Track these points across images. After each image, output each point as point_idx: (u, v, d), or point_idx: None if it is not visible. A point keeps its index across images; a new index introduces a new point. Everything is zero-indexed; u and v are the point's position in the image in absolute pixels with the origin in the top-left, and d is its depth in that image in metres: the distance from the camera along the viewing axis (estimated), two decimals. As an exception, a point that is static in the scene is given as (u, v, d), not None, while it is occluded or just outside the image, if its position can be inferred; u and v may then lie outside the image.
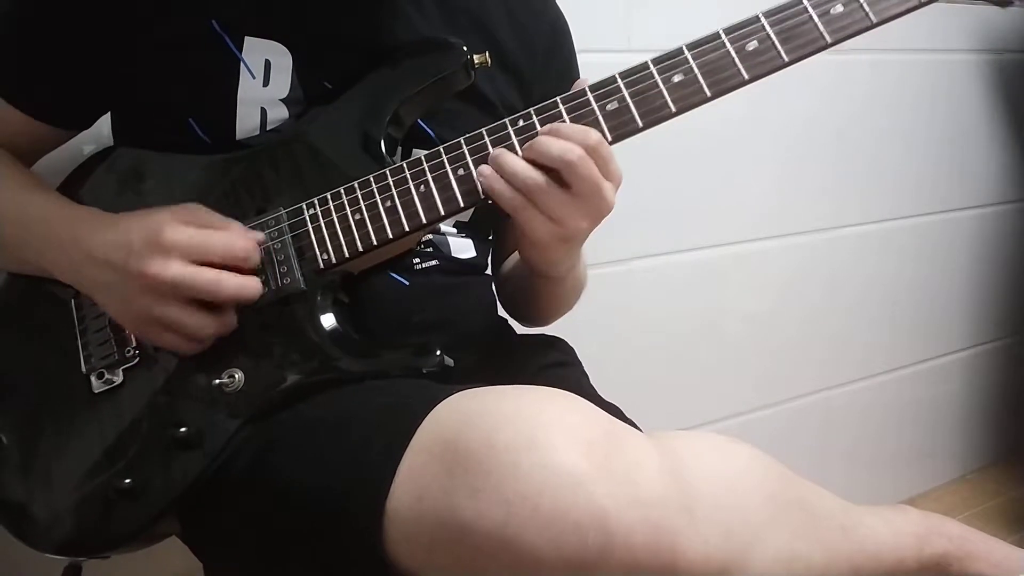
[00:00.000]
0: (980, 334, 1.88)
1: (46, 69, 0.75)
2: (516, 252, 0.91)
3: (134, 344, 0.72)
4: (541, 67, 0.87)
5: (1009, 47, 1.75)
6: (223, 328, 0.69)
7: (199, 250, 0.66)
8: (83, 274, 0.70)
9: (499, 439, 0.53)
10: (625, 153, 0.69)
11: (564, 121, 0.68)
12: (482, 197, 0.68)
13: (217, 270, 0.67)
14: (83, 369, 0.73)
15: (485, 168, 0.68)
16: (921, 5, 0.66)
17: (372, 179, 0.71)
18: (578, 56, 0.93)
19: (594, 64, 0.91)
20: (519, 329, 0.97)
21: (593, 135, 0.66)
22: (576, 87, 0.69)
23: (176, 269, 0.65)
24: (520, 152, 0.68)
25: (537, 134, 0.68)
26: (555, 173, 0.66)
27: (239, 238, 0.68)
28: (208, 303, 0.68)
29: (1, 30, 0.76)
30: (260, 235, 0.70)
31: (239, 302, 0.69)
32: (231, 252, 0.68)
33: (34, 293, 0.76)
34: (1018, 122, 1.81)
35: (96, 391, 0.72)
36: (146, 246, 0.66)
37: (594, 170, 0.66)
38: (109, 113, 0.82)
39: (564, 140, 0.65)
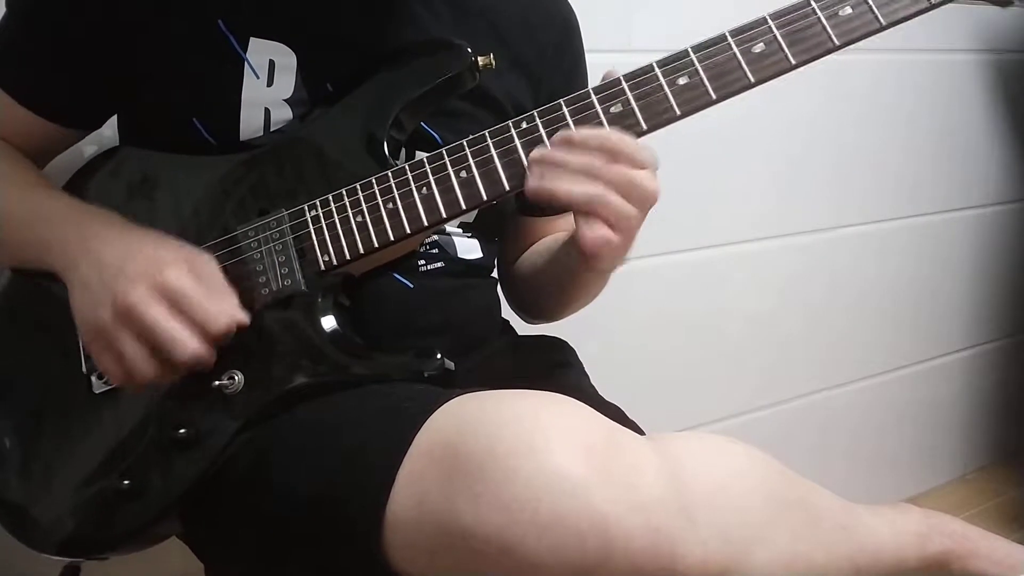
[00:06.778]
0: (980, 334, 1.88)
1: (55, 68, 0.75)
2: (543, 242, 0.91)
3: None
4: (551, 64, 0.86)
5: (1009, 47, 1.75)
6: (159, 382, 0.67)
7: (186, 304, 0.64)
8: (76, 264, 0.68)
9: (499, 444, 0.53)
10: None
11: (568, 124, 0.68)
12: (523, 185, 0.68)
13: (190, 331, 0.65)
14: (83, 369, 0.72)
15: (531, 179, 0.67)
16: (932, 7, 0.64)
17: (374, 180, 0.71)
18: (579, 56, 0.93)
19: (594, 64, 0.91)
20: (520, 331, 0.96)
21: (611, 140, 0.65)
22: (607, 77, 0.68)
23: (155, 312, 0.64)
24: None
25: (540, 136, 0.68)
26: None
27: (225, 316, 0.66)
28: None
29: (9, 30, 0.76)
30: (246, 318, 0.68)
31: (188, 369, 0.66)
32: (212, 323, 0.65)
33: (36, 293, 0.76)
34: (1018, 122, 1.80)
35: (96, 391, 0.72)
36: (141, 275, 0.64)
37: (620, 170, 0.65)
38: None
39: (581, 153, 0.65)
